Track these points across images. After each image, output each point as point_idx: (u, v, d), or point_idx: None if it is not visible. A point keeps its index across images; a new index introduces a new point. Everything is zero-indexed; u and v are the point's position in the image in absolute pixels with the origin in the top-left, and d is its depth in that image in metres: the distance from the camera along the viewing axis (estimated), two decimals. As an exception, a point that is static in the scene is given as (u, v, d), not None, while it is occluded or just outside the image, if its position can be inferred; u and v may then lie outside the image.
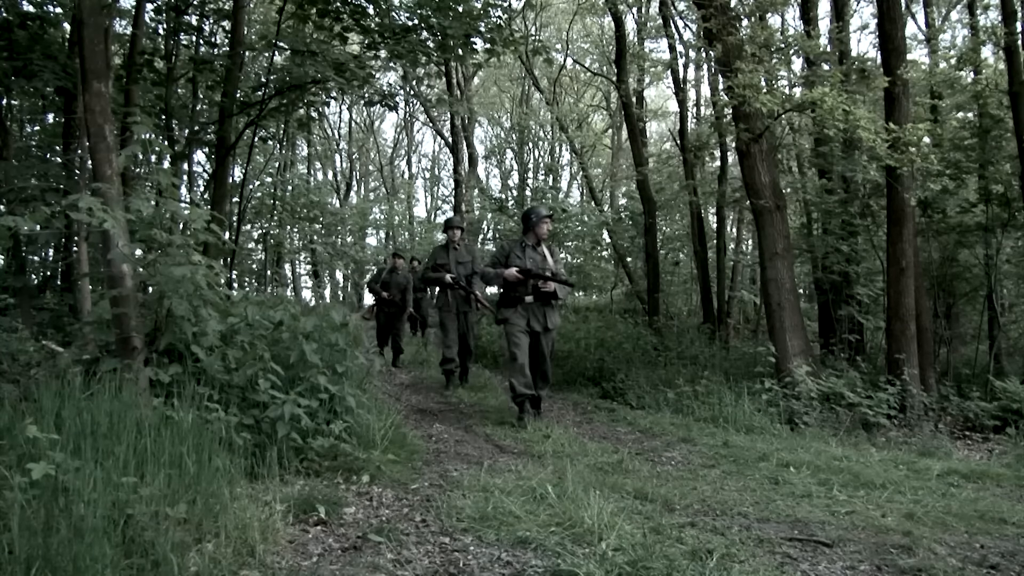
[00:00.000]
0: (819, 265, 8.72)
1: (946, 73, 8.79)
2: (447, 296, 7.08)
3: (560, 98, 19.12)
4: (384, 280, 9.29)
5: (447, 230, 7.38)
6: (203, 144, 9.89)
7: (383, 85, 9.46)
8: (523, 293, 5.32)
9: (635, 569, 2.36)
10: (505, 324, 5.40)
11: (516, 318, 5.34)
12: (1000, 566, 2.64)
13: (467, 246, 7.42)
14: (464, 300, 7.09)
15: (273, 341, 3.80)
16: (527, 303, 5.35)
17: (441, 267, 7.05)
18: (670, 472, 4.21)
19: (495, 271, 5.38)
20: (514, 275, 5.26)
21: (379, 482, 3.37)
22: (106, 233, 3.30)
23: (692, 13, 10.65)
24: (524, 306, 5.35)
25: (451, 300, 7.05)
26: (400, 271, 9.46)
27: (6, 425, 2.53)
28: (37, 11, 7.14)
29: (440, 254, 7.21)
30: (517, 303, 5.34)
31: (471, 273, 7.06)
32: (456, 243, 7.17)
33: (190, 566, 2.17)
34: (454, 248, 7.15)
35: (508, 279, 5.28)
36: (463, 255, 7.18)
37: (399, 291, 9.23)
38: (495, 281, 5.41)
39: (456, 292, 7.01)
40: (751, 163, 6.87)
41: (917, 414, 6.19)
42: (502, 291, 5.44)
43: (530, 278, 5.31)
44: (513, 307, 5.35)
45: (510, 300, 5.35)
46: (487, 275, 5.48)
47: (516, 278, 5.27)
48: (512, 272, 5.28)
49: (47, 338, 4.76)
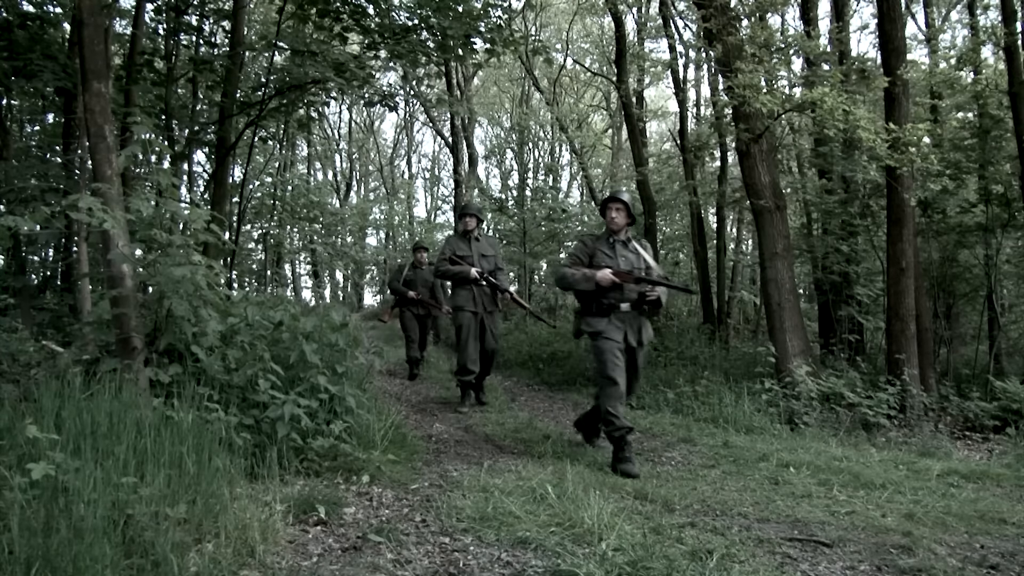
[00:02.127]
0: (819, 265, 8.72)
1: (946, 73, 8.79)
2: (471, 293, 6.14)
3: (560, 98, 19.11)
4: (408, 277, 8.18)
5: (463, 217, 6.40)
6: (203, 144, 9.88)
7: (383, 85, 9.47)
8: (618, 300, 4.31)
9: (635, 569, 2.36)
10: (595, 339, 4.35)
11: (612, 331, 4.29)
12: (1000, 566, 2.64)
13: (488, 239, 6.63)
14: (491, 299, 6.25)
15: (273, 341, 3.80)
16: (622, 312, 4.34)
17: (461, 259, 6.17)
18: (670, 472, 4.21)
19: (581, 272, 4.33)
20: (610, 278, 4.25)
21: (379, 482, 3.37)
22: (106, 233, 3.30)
23: (692, 13, 10.64)
24: (619, 316, 4.33)
25: (476, 298, 6.14)
26: (425, 266, 8.27)
27: (6, 425, 2.53)
28: (37, 11, 7.14)
29: (458, 245, 6.28)
30: (610, 312, 4.33)
31: (495, 269, 6.27)
32: (476, 233, 6.34)
33: (190, 566, 2.17)
34: (475, 239, 6.29)
35: (602, 283, 4.25)
36: (485, 247, 6.35)
37: (427, 289, 8.12)
38: (582, 284, 4.32)
39: (481, 290, 6.15)
40: (751, 163, 6.87)
41: (917, 414, 6.18)
42: (586, 298, 4.42)
43: (634, 282, 4.32)
44: (605, 317, 4.33)
45: (601, 309, 4.33)
46: (568, 278, 4.36)
47: (612, 282, 4.26)
48: (607, 275, 4.26)
49: (47, 338, 4.76)
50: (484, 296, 6.18)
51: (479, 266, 6.14)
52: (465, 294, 6.15)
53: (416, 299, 8.02)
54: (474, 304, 6.13)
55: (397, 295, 8.20)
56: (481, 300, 6.16)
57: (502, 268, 6.36)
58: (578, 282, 4.33)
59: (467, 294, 6.14)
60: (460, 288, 6.22)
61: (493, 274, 6.20)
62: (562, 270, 4.48)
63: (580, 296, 4.47)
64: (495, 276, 6.20)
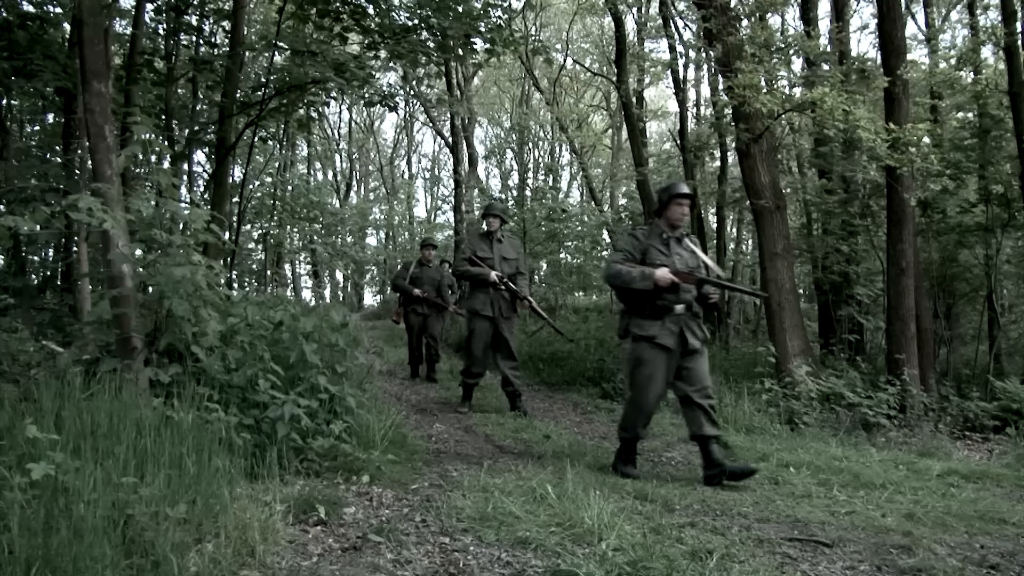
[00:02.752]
0: (819, 265, 8.72)
1: (946, 73, 8.79)
2: (488, 297, 5.89)
3: (560, 98, 19.11)
4: (414, 275, 7.90)
5: (487, 217, 6.17)
6: (203, 144, 9.88)
7: (383, 85, 9.44)
8: (673, 302, 3.92)
9: (635, 569, 2.36)
10: (642, 344, 3.94)
11: (664, 336, 3.91)
12: (1000, 566, 2.64)
13: (511, 241, 6.29)
14: (508, 304, 5.97)
15: (273, 341, 3.80)
16: (675, 315, 3.96)
17: (482, 261, 5.93)
18: (670, 472, 4.21)
19: (639, 270, 3.87)
20: (670, 278, 3.84)
21: (379, 482, 3.37)
22: (106, 233, 3.30)
23: (692, 13, 10.65)
24: (673, 319, 3.94)
25: (492, 302, 5.89)
26: (432, 264, 8.12)
27: (6, 425, 2.53)
28: (37, 11, 7.13)
29: (479, 245, 6.05)
30: (664, 315, 3.92)
31: (516, 274, 6.00)
32: (500, 235, 6.08)
33: (190, 566, 2.17)
34: (497, 241, 6.03)
35: (661, 283, 3.83)
36: (508, 250, 6.06)
37: (433, 287, 7.91)
38: (638, 283, 3.85)
39: (499, 294, 5.90)
40: (751, 163, 6.88)
41: (917, 414, 6.18)
42: (637, 298, 3.95)
43: (696, 284, 3.96)
44: (658, 320, 3.92)
45: (655, 310, 3.92)
46: (623, 275, 3.89)
47: (672, 282, 3.86)
48: (667, 275, 3.84)
49: (47, 338, 4.76)
50: (502, 301, 5.92)
51: (499, 269, 5.90)
52: (482, 297, 5.90)
53: (422, 297, 7.81)
54: (491, 309, 5.88)
55: (402, 293, 7.97)
56: (498, 305, 5.90)
57: (523, 273, 6.10)
58: (634, 280, 3.84)
59: (484, 297, 5.89)
60: (478, 291, 5.97)
61: (513, 279, 5.95)
62: (615, 266, 3.95)
63: (629, 295, 4.00)
64: (515, 281, 5.95)
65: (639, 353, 3.98)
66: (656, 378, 3.95)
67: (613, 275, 3.98)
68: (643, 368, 3.97)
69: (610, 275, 4.01)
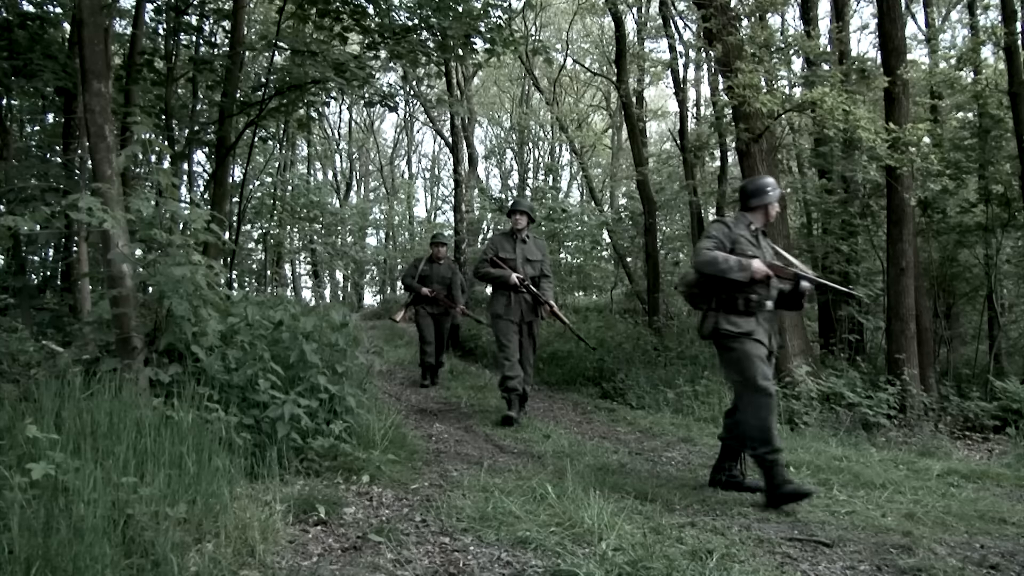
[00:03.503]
0: (819, 265, 8.72)
1: (946, 73, 8.79)
2: (508, 300, 5.52)
3: (560, 98, 19.11)
4: (423, 273, 7.44)
5: (513, 214, 5.74)
6: (203, 144, 9.88)
7: (383, 85, 9.44)
8: (764, 297, 3.60)
9: (635, 569, 2.36)
10: (740, 341, 3.52)
11: (760, 332, 3.56)
12: (1000, 566, 2.64)
13: (537, 241, 5.85)
14: (530, 308, 5.60)
15: (273, 341, 3.80)
16: (767, 311, 3.63)
17: (504, 262, 5.57)
18: (670, 472, 4.21)
19: (736, 260, 3.48)
20: (766, 271, 3.50)
21: (379, 482, 3.37)
22: (106, 233, 3.30)
23: (692, 13, 10.65)
24: (764, 315, 3.62)
25: (513, 306, 5.52)
26: (443, 261, 7.62)
27: (6, 425, 2.53)
28: (37, 11, 7.14)
29: (503, 245, 5.66)
30: (757, 311, 3.58)
31: (540, 276, 5.64)
32: (525, 234, 5.69)
33: (190, 566, 2.17)
34: (522, 241, 5.64)
35: (757, 275, 3.48)
36: (532, 251, 5.68)
37: (443, 286, 7.48)
38: (735, 273, 3.45)
39: (520, 297, 5.52)
40: (751, 163, 6.88)
41: (917, 414, 6.19)
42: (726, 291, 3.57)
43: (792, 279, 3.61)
44: (752, 316, 3.56)
45: (748, 306, 3.56)
46: (720, 262, 3.47)
47: (767, 275, 3.52)
48: (763, 267, 3.50)
49: (47, 338, 4.76)
50: (524, 305, 5.54)
51: (522, 271, 5.52)
52: (503, 301, 5.53)
53: (431, 297, 7.37)
54: (512, 313, 5.50)
55: (411, 292, 7.52)
56: (520, 309, 5.52)
57: (548, 276, 5.72)
58: (731, 269, 3.46)
59: (505, 301, 5.52)
60: (499, 294, 5.62)
61: (536, 282, 5.59)
62: (711, 252, 3.52)
63: (714, 288, 3.59)
64: (538, 284, 5.59)
65: (744, 349, 3.50)
66: (768, 374, 3.52)
67: (708, 261, 3.51)
68: (753, 365, 3.47)
69: (706, 261, 3.52)
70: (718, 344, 3.63)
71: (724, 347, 3.58)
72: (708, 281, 3.60)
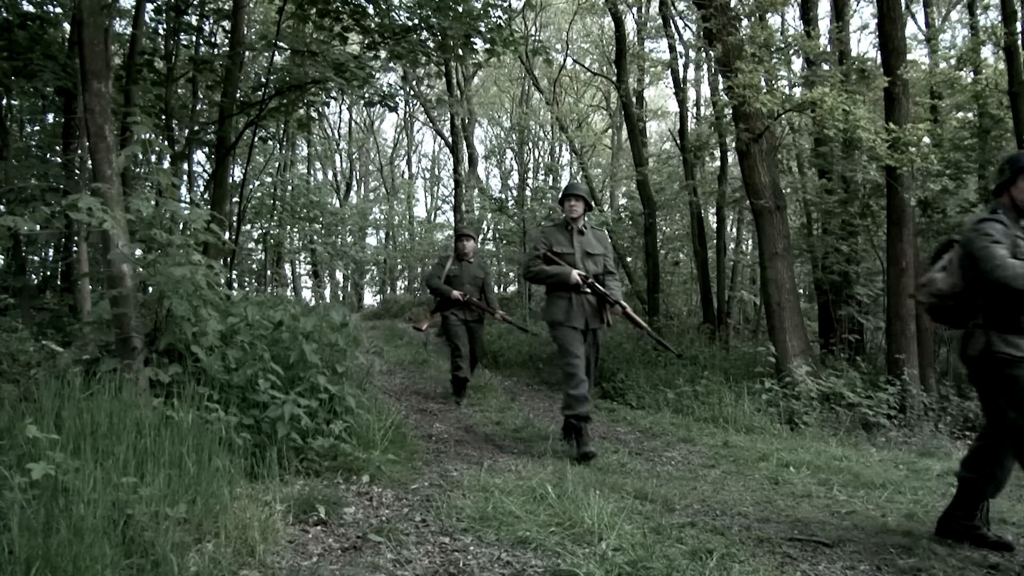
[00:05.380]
0: (819, 265, 8.72)
1: (946, 73, 8.79)
2: (569, 303, 4.53)
3: (560, 98, 19.10)
4: (451, 273, 6.47)
5: (567, 199, 4.71)
6: (203, 144, 9.89)
7: (383, 85, 9.45)
8: None
9: (635, 569, 2.36)
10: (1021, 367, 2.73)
11: None
12: (1000, 566, 2.65)
13: (596, 232, 4.86)
14: (596, 313, 4.61)
15: (273, 341, 3.80)
16: None
17: (559, 257, 4.60)
18: (670, 472, 4.21)
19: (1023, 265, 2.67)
20: None
21: (379, 482, 3.37)
22: (106, 233, 3.30)
23: (692, 13, 10.66)
24: None
25: (575, 309, 4.53)
26: (472, 258, 6.64)
27: (6, 425, 2.53)
28: (37, 11, 7.14)
29: (557, 237, 4.68)
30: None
31: (604, 273, 4.68)
32: (582, 224, 4.73)
33: (190, 566, 2.17)
34: (578, 232, 4.69)
35: None
36: (592, 244, 4.71)
37: (475, 287, 6.50)
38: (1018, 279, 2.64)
39: (583, 299, 4.54)
40: (751, 163, 6.88)
41: (917, 414, 6.19)
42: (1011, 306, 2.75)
43: None
44: None
45: None
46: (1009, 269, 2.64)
47: None
48: None
49: (47, 338, 4.76)
50: (588, 308, 4.57)
51: (582, 267, 4.58)
52: (563, 304, 4.54)
53: (463, 301, 6.38)
54: (575, 318, 4.52)
55: (439, 296, 6.49)
56: (583, 313, 4.54)
57: (613, 272, 4.79)
58: (1020, 277, 2.64)
59: (565, 305, 4.53)
60: (557, 296, 4.60)
61: (600, 280, 4.64)
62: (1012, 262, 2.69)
63: (986, 301, 2.82)
64: (602, 283, 4.64)
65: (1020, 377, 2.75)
66: None
67: (998, 268, 2.68)
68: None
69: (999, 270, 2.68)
70: (989, 370, 2.82)
71: (1000, 375, 2.78)
72: (975, 292, 2.85)
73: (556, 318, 4.58)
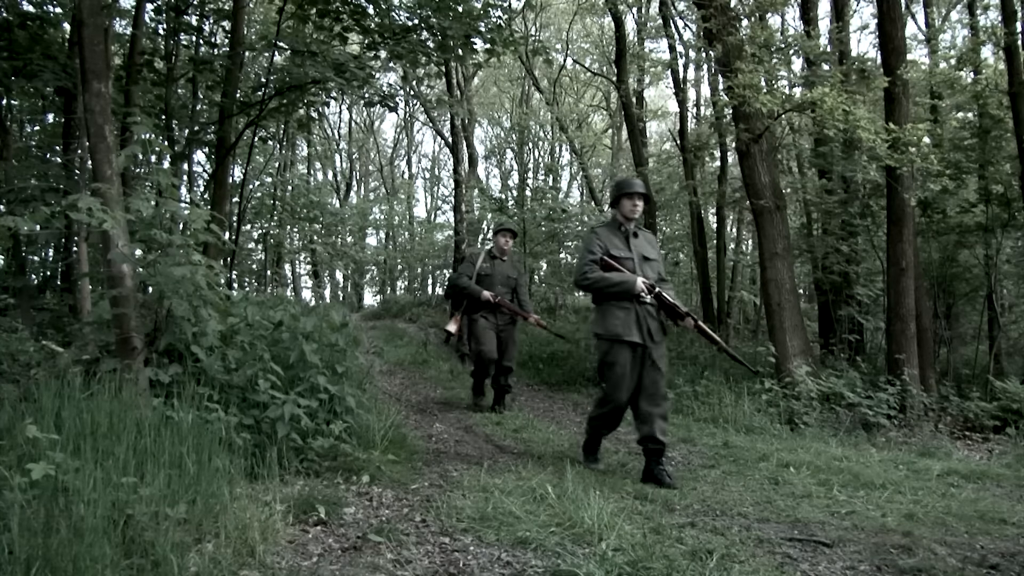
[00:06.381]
0: (819, 265, 8.72)
1: (946, 73, 8.79)
2: (633, 315, 3.92)
3: (560, 98, 19.11)
4: (482, 272, 5.93)
5: (622, 197, 4.07)
6: (203, 144, 9.88)
7: (383, 85, 9.44)
8: None
9: (635, 569, 2.36)
10: None
11: None
12: (1000, 566, 2.64)
13: (646, 235, 4.25)
14: (660, 325, 4.01)
15: (273, 341, 3.81)
16: None
17: (617, 261, 3.99)
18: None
19: None
20: None
21: (379, 482, 3.37)
22: (106, 233, 3.30)
23: (692, 13, 10.66)
24: None
25: (640, 320, 3.92)
26: (508, 257, 6.06)
27: (6, 425, 2.54)
28: (37, 11, 7.14)
29: (610, 239, 4.07)
30: None
31: (658, 280, 4.06)
32: (635, 226, 4.12)
33: (190, 566, 2.17)
34: (633, 235, 4.09)
35: None
36: (646, 247, 4.13)
37: (508, 289, 5.97)
38: None
39: (646, 309, 3.94)
40: (751, 163, 6.88)
41: (917, 414, 6.19)
42: None
43: None
44: None
45: None
46: None
47: None
48: None
49: (47, 338, 4.76)
50: (650, 320, 3.95)
51: (641, 272, 3.99)
52: (623, 316, 3.91)
53: (494, 303, 5.86)
54: (637, 332, 3.90)
55: (468, 297, 5.93)
56: (646, 325, 3.93)
57: (667, 279, 4.20)
58: None
59: (627, 316, 3.91)
60: (615, 306, 3.96)
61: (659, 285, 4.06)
62: None
63: None
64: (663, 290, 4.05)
65: None
66: None
67: None
68: None
69: None
70: None
71: None
72: None
73: (614, 330, 3.90)
